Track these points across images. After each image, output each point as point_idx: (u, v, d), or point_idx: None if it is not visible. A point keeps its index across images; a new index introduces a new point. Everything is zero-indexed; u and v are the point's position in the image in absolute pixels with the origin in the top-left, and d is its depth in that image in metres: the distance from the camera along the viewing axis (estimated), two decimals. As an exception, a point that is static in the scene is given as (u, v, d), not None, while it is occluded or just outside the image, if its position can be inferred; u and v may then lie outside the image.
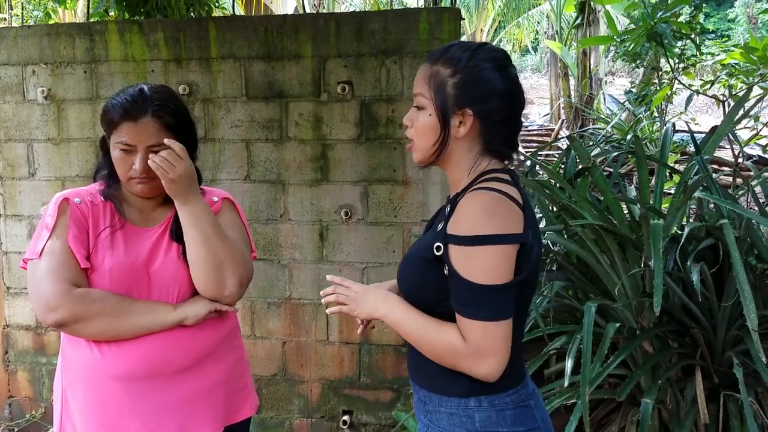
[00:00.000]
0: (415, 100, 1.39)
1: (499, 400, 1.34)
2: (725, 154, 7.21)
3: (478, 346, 1.24)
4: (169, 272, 1.63)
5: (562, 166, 3.40)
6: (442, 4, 4.66)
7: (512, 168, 1.41)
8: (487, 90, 1.32)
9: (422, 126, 1.37)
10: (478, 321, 1.24)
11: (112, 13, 3.99)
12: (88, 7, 4.17)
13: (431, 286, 1.33)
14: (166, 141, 1.56)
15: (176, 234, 1.65)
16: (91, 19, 4.06)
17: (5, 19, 6.69)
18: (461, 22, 3.13)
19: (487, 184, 1.29)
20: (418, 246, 1.40)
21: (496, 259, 1.23)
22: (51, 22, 5.97)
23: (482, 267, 1.23)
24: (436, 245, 1.30)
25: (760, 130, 4.16)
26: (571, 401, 2.38)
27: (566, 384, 2.20)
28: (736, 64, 4.10)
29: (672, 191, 3.48)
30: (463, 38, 15.85)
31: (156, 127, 1.58)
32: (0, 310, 3.40)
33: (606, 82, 13.51)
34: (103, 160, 1.69)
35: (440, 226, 1.33)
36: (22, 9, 6.77)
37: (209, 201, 1.74)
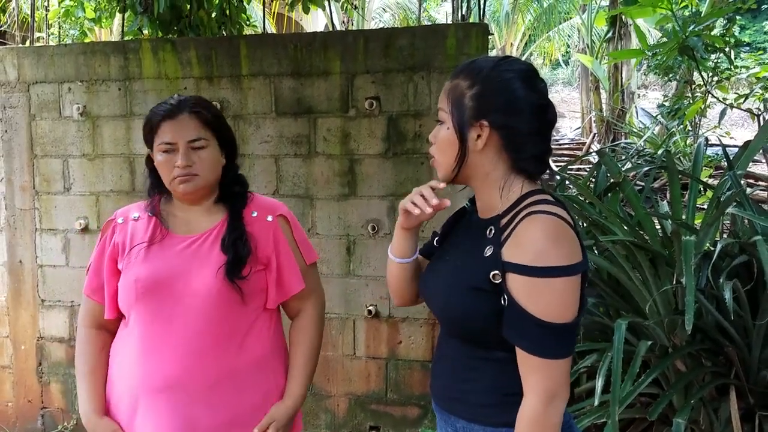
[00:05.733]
0: (438, 115, 1.35)
1: None
2: (760, 168, 7.08)
3: (549, 387, 1.19)
4: (201, 286, 1.60)
5: (593, 180, 3.37)
6: (471, 20, 4.66)
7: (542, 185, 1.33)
8: (507, 101, 1.25)
9: (441, 141, 1.33)
10: (548, 360, 1.19)
11: (146, 32, 4.08)
12: (123, 26, 4.27)
13: (488, 316, 1.25)
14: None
15: (227, 244, 1.63)
16: (126, 38, 4.15)
17: (42, 38, 6.87)
18: (490, 37, 3.12)
19: (542, 207, 1.22)
20: (458, 273, 1.31)
21: (566, 293, 1.18)
22: (87, 40, 6.11)
23: (552, 302, 1.17)
24: (492, 273, 1.22)
25: (797, 144, 4.07)
26: (602, 420, 2.34)
27: (596, 403, 2.16)
28: (771, 77, 4.03)
29: (705, 207, 3.41)
30: (493, 53, 15.84)
31: (195, 122, 1.64)
32: (34, 323, 3.47)
33: (638, 95, 13.38)
34: (150, 176, 1.73)
35: (488, 252, 1.25)
36: (59, 28, 6.95)
37: (263, 219, 1.71)
